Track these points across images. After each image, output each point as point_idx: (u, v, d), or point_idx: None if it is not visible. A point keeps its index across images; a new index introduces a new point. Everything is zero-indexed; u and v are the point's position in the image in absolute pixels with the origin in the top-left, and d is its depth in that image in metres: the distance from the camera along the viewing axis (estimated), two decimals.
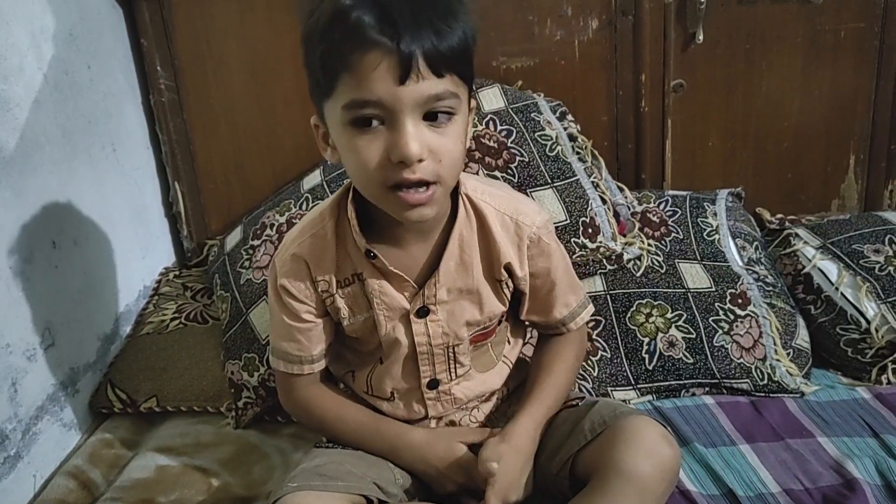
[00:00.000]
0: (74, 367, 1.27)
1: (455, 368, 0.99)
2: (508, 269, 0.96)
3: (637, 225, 1.41)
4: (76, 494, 1.13)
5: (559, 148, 1.37)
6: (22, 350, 1.15)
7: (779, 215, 1.60)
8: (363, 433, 0.99)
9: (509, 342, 1.05)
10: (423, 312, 0.94)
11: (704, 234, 1.42)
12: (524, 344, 1.10)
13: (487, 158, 1.34)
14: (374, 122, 0.80)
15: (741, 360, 1.24)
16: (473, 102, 0.89)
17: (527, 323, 1.06)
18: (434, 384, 0.99)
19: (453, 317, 0.95)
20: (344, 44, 0.78)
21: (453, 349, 0.97)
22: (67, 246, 1.27)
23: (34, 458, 1.16)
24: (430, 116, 0.81)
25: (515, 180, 1.33)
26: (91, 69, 1.39)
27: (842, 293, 1.33)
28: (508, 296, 0.99)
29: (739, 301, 1.30)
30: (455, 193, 0.93)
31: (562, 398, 1.01)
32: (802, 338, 1.32)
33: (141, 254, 1.52)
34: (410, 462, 0.98)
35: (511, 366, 1.05)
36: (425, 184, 0.82)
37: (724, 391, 1.24)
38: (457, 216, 0.93)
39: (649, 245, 1.37)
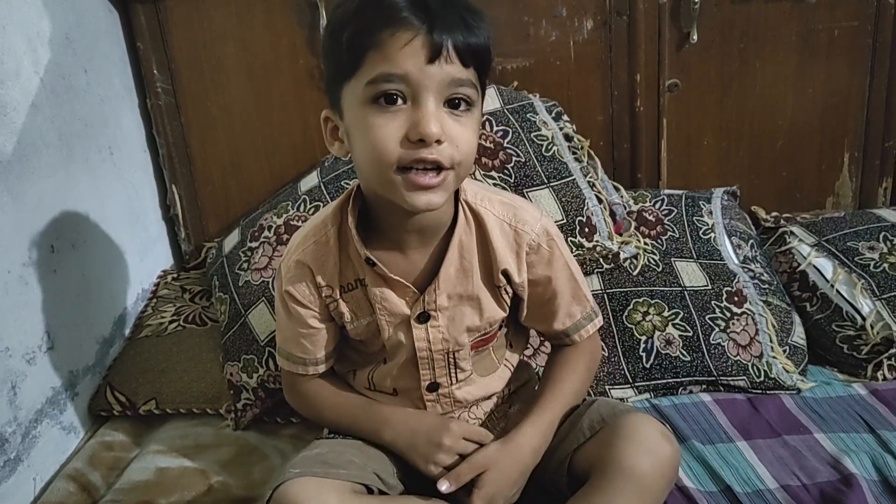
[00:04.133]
0: (73, 371, 1.27)
1: (456, 373, 0.99)
2: (506, 274, 0.96)
3: (633, 224, 1.41)
4: (76, 497, 1.13)
5: (555, 148, 1.38)
6: (21, 353, 1.15)
7: (774, 213, 1.61)
8: (356, 412, 1.00)
9: (511, 346, 1.05)
10: (424, 318, 0.95)
11: (700, 232, 1.43)
12: (525, 347, 1.10)
13: (484, 159, 1.35)
14: (399, 101, 0.81)
15: (738, 357, 1.25)
16: (484, 117, 0.90)
17: (529, 329, 1.07)
18: (434, 387, 0.99)
19: (454, 322, 0.95)
20: (375, 23, 0.80)
21: (453, 355, 0.97)
22: (66, 249, 1.27)
23: (34, 461, 1.16)
24: (451, 105, 0.82)
25: (512, 181, 1.33)
26: (88, 73, 1.39)
27: (837, 290, 1.34)
28: (508, 301, 0.99)
29: (736, 299, 1.30)
30: (456, 200, 0.93)
31: (567, 407, 0.99)
32: (798, 335, 1.32)
33: (139, 257, 1.52)
34: (399, 433, 0.96)
35: (512, 369, 1.05)
36: (438, 168, 0.82)
37: (721, 388, 1.25)
38: (457, 222, 0.93)
39: (645, 244, 1.38)
